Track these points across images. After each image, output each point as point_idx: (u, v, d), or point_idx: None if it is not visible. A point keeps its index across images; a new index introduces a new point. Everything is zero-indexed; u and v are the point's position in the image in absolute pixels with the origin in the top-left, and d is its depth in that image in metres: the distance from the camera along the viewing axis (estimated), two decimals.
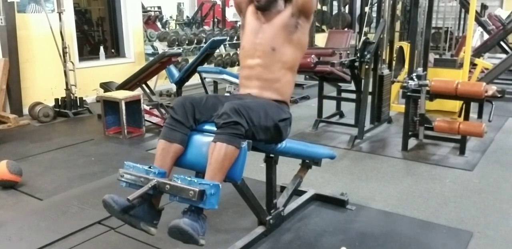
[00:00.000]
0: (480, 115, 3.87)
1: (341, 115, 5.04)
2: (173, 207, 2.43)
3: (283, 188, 2.72)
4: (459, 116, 4.21)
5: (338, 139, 4.23)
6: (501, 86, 4.76)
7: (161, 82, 6.43)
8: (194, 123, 1.97)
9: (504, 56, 6.14)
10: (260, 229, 2.35)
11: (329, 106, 4.87)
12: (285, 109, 2.15)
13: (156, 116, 4.71)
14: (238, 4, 2.35)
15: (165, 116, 4.65)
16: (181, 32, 7.30)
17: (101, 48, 6.35)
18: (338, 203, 2.77)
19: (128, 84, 4.82)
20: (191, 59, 5.78)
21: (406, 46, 5.34)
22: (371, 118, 4.46)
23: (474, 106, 3.76)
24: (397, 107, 5.00)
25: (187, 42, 7.10)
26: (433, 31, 6.12)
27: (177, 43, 6.90)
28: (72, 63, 5.15)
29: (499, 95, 3.59)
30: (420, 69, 3.95)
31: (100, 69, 5.98)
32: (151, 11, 8.15)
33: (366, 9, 5.22)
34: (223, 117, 1.81)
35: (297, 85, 6.58)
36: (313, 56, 3.79)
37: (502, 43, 6.67)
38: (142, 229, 1.85)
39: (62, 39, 4.97)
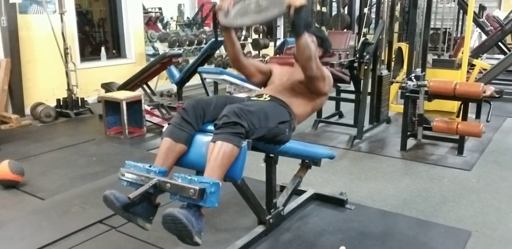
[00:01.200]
0: (478, 115, 3.90)
1: (340, 115, 5.06)
2: (174, 206, 2.45)
3: (283, 188, 2.74)
4: (457, 116, 4.22)
5: (337, 139, 4.25)
6: (499, 86, 4.77)
7: (162, 83, 6.46)
8: (202, 125, 2.01)
9: (502, 56, 6.16)
10: (260, 229, 2.37)
11: (329, 106, 4.88)
12: (286, 113, 2.18)
13: (157, 116, 4.73)
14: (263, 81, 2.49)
15: (165, 116, 4.68)
16: (182, 33, 7.32)
17: (102, 49, 6.37)
18: (337, 202, 2.79)
19: (129, 85, 4.85)
20: (191, 60, 5.81)
21: (405, 46, 5.35)
22: (370, 118, 4.48)
23: (472, 107, 3.78)
24: (396, 107, 5.02)
25: (187, 43, 7.13)
26: (431, 32, 6.13)
27: (177, 44, 6.93)
28: (74, 63, 5.17)
29: (497, 96, 3.60)
30: (418, 70, 3.98)
31: (102, 69, 6.01)
32: (152, 12, 8.15)
33: (365, 10, 5.23)
34: (223, 119, 1.84)
35: None
36: None
37: (500, 44, 6.69)
38: (138, 224, 1.88)
39: (64, 40, 4.99)
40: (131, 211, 1.83)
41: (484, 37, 6.97)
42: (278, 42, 6.16)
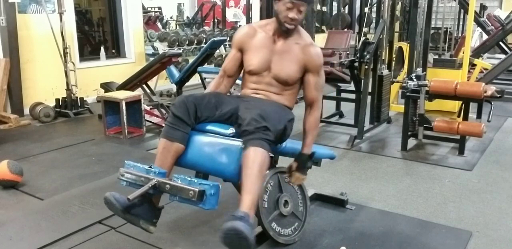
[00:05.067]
0: (479, 115, 3.89)
1: (341, 115, 5.05)
2: (173, 207, 2.44)
3: None
4: (458, 116, 4.22)
5: (337, 139, 4.24)
6: (500, 86, 4.77)
7: (162, 83, 6.44)
8: (194, 121, 1.98)
9: (503, 56, 6.14)
10: (260, 229, 2.35)
11: (329, 106, 4.88)
12: (290, 111, 2.19)
13: (157, 116, 4.72)
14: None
15: (165, 116, 4.66)
16: (182, 32, 7.32)
17: (102, 48, 6.36)
18: (337, 202, 2.78)
19: (128, 84, 4.84)
20: (191, 60, 5.80)
21: (405, 46, 5.35)
22: (371, 118, 4.47)
23: (473, 106, 3.77)
24: (396, 107, 5.01)
25: (187, 42, 7.12)
26: (432, 31, 6.12)
27: (177, 43, 6.92)
28: (73, 63, 5.16)
29: (498, 95, 3.60)
30: (419, 70, 3.97)
31: (101, 69, 5.99)
32: (152, 11, 8.16)
33: (366, 9, 5.22)
34: (253, 124, 1.82)
35: None
36: None
37: (501, 43, 6.68)
38: (141, 227, 1.85)
39: (63, 40, 4.98)
40: (133, 213, 1.81)
41: (485, 36, 6.95)
42: None
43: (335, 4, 8.45)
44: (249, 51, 2.17)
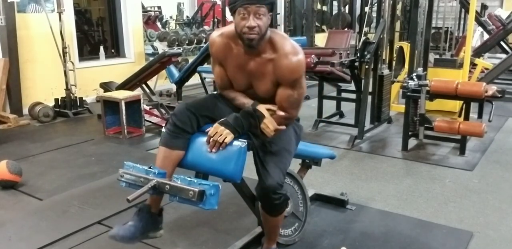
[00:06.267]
0: (480, 115, 3.88)
1: (341, 115, 5.05)
2: (173, 207, 2.44)
3: None
4: (459, 116, 4.21)
5: (338, 139, 4.23)
6: (501, 86, 4.75)
7: (161, 82, 6.44)
8: (196, 129, 1.96)
9: (504, 56, 6.14)
10: (260, 229, 2.35)
11: (329, 106, 4.87)
12: (297, 133, 2.10)
13: (156, 116, 4.71)
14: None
15: (165, 116, 4.66)
16: (181, 32, 7.31)
17: (101, 48, 6.35)
18: (338, 203, 2.78)
19: (128, 84, 4.83)
20: (191, 59, 5.79)
21: (406, 46, 5.34)
22: (371, 118, 4.46)
23: (474, 106, 3.76)
24: (397, 107, 5.00)
25: (187, 42, 7.11)
26: (433, 31, 6.11)
27: (177, 43, 6.92)
28: (72, 63, 5.16)
29: (499, 95, 3.59)
30: (420, 69, 3.96)
31: (100, 69, 5.99)
32: (151, 11, 8.14)
33: (366, 9, 5.23)
34: (276, 197, 1.87)
35: None
36: (313, 56, 3.79)
37: (502, 43, 6.67)
38: (151, 238, 1.91)
39: (62, 39, 4.97)
40: (141, 234, 1.87)
41: (486, 36, 6.94)
42: None
43: (335, 3, 8.44)
44: (227, 69, 1.98)
